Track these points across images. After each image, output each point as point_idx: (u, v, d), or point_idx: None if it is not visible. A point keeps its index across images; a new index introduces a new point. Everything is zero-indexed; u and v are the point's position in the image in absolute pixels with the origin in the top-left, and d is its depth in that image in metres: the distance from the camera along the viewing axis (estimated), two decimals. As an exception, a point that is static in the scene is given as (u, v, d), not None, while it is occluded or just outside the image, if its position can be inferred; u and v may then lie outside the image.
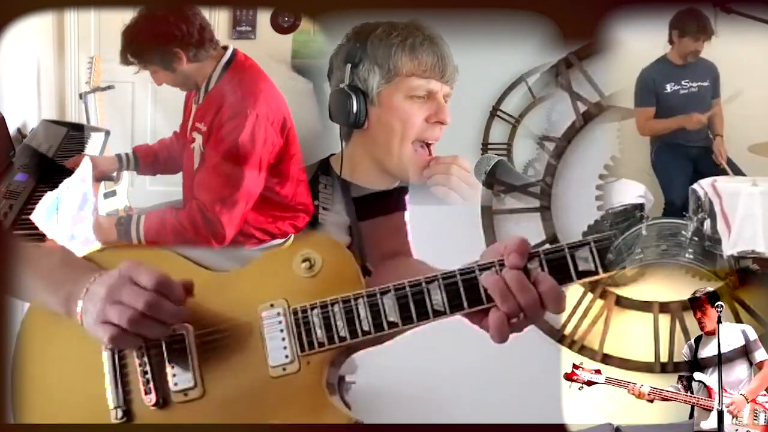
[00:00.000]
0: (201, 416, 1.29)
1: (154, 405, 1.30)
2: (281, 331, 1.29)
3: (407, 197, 1.72)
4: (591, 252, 1.18)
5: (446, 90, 1.69)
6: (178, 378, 1.30)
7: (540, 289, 1.18)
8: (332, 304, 1.27)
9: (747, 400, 2.86)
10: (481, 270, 1.21)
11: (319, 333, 1.27)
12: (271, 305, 1.30)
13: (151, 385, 1.30)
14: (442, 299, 1.22)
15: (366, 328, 1.25)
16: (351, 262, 1.32)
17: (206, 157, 2.06)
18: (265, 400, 1.27)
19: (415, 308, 1.23)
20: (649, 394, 2.86)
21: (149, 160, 2.42)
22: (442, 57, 1.68)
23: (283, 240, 1.37)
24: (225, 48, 2.15)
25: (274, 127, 2.00)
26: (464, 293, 1.22)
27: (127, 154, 2.44)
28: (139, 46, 2.06)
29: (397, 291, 1.24)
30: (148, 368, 1.31)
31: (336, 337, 1.26)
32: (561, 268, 1.19)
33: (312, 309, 1.28)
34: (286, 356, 1.28)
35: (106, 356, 1.32)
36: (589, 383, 2.88)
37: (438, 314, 1.23)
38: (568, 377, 2.89)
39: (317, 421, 1.26)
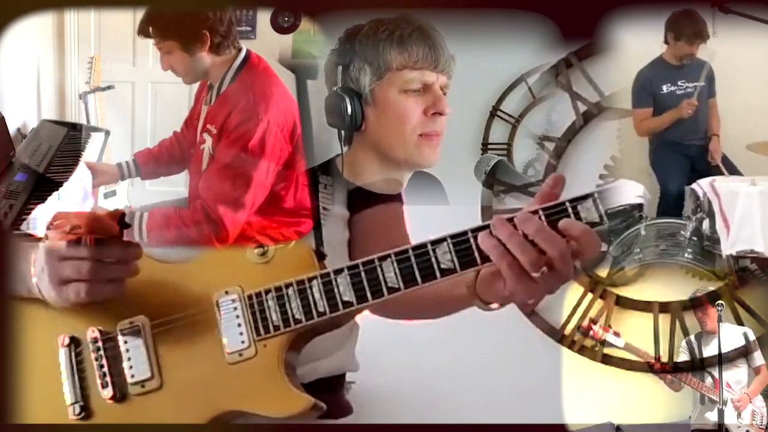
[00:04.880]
0: (160, 408, 1.28)
1: (111, 399, 1.29)
2: (237, 317, 1.28)
3: (403, 191, 1.70)
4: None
5: (443, 80, 1.64)
6: (134, 370, 1.29)
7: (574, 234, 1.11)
8: (286, 287, 1.26)
9: (750, 398, 2.89)
10: (433, 245, 1.20)
11: (275, 317, 1.26)
12: (226, 292, 1.29)
13: (108, 378, 1.29)
14: (395, 276, 1.21)
15: (321, 309, 1.24)
16: (304, 246, 1.32)
17: (215, 159, 2.06)
18: (224, 387, 1.26)
19: (369, 286, 1.22)
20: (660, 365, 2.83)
21: (150, 166, 2.41)
22: (433, 47, 1.62)
23: (285, 245, 1.35)
24: (239, 50, 2.14)
25: (283, 133, 2.00)
26: (417, 268, 1.21)
27: (127, 162, 2.44)
28: (166, 19, 2.01)
29: (350, 270, 1.23)
30: (104, 361, 1.30)
31: (291, 319, 1.25)
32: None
33: (267, 293, 1.27)
34: (242, 341, 1.27)
35: (62, 351, 1.31)
36: (604, 342, 2.83)
37: (392, 291, 1.21)
38: (585, 330, 2.84)
39: (276, 405, 1.25)
